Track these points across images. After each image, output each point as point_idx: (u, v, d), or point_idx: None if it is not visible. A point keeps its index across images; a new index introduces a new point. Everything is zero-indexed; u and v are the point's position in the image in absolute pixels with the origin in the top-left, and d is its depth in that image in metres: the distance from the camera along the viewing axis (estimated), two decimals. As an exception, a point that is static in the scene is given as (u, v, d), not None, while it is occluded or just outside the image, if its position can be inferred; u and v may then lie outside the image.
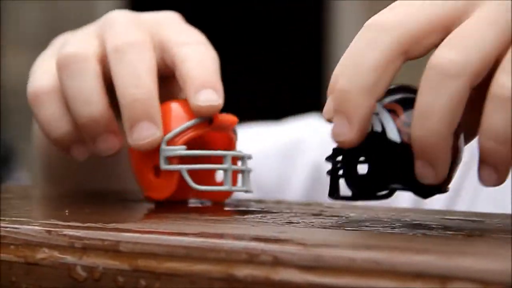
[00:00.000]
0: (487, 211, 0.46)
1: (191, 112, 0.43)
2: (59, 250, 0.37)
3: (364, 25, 0.37)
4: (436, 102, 0.35)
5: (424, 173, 0.36)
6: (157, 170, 0.43)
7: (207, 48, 0.46)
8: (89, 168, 0.54)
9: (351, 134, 0.36)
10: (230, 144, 0.45)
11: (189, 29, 0.47)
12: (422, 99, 0.35)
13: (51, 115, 0.44)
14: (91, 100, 0.43)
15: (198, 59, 0.45)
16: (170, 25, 0.47)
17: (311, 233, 0.38)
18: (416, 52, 0.36)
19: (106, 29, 0.45)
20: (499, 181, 0.36)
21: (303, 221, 0.40)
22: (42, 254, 0.37)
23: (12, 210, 0.45)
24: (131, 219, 0.45)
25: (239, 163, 0.44)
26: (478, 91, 0.35)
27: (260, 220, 0.42)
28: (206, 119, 0.43)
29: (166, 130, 0.43)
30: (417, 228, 0.39)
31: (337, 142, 0.36)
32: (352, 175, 0.37)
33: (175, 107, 0.44)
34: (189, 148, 0.43)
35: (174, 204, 0.45)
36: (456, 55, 0.35)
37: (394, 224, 0.39)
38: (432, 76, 0.35)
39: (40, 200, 0.54)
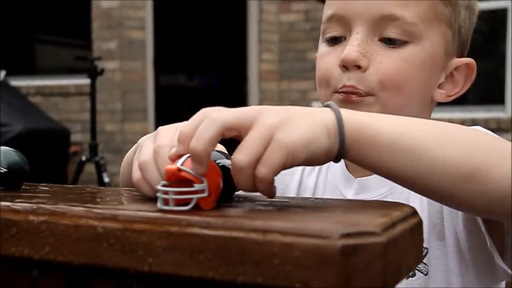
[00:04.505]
0: None
1: None
2: (91, 219, 0.65)
3: (201, 111, 0.71)
4: (237, 159, 0.69)
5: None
6: None
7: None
8: None
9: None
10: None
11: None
12: (234, 157, 0.70)
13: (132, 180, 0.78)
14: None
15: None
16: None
17: (204, 211, 0.68)
18: (231, 135, 0.70)
19: (156, 138, 0.79)
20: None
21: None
22: (83, 221, 0.65)
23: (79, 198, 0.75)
24: (126, 203, 0.73)
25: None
26: None
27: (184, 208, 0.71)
28: None
29: None
30: (261, 205, 0.70)
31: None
32: None
33: None
34: None
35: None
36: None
37: (247, 204, 0.71)
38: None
39: (90, 195, 0.81)
